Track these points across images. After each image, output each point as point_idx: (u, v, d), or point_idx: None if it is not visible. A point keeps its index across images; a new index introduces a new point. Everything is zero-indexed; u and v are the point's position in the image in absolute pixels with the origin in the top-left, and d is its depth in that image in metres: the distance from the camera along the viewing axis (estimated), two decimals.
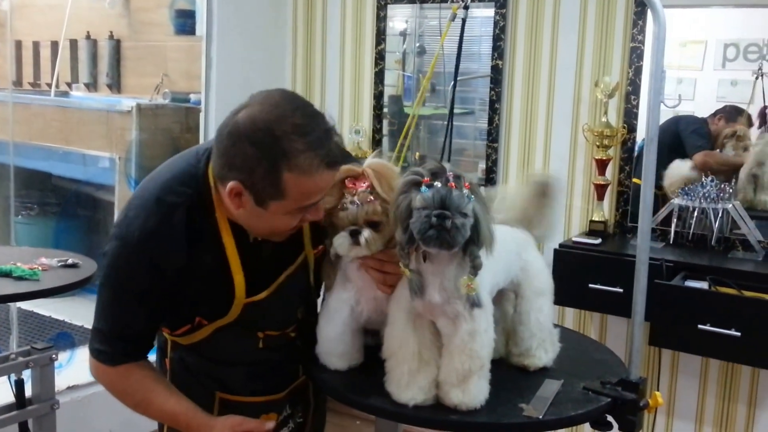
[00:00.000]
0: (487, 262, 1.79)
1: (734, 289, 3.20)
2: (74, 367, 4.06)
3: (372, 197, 1.87)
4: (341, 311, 2.00)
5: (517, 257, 2.05)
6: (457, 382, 1.80)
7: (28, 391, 3.15)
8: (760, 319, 3.05)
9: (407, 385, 1.83)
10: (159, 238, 1.88)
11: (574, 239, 3.67)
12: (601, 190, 3.75)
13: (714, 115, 3.68)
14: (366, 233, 1.87)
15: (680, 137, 3.72)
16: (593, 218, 3.77)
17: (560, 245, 3.65)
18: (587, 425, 1.94)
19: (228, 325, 2.00)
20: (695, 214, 3.54)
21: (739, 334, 3.05)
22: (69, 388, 3.83)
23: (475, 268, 1.75)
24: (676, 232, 3.59)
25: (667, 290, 3.20)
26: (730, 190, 3.49)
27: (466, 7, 3.60)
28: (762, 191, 3.58)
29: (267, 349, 2.10)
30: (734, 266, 3.35)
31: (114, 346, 1.98)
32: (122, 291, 1.94)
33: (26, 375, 3.15)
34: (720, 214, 3.50)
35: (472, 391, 1.81)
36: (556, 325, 2.16)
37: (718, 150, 3.66)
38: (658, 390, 3.57)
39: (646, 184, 1.97)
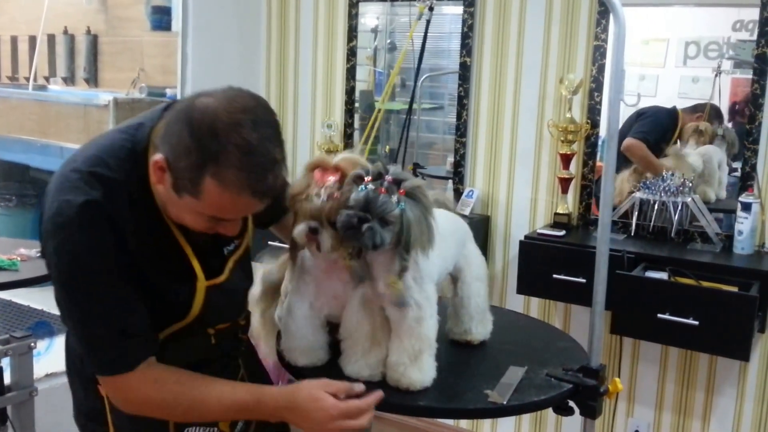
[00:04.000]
0: (439, 250, 1.88)
1: (693, 279, 3.27)
2: (52, 355, 4.07)
3: (338, 193, 1.81)
4: (301, 306, 2.00)
5: (462, 246, 2.15)
6: (410, 361, 1.87)
7: (7, 379, 3.16)
8: (717, 308, 3.11)
9: (356, 361, 1.92)
10: (104, 209, 1.71)
11: (539, 231, 3.75)
12: (565, 183, 3.81)
13: (693, 111, 3.73)
14: (325, 235, 1.83)
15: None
16: (557, 211, 3.84)
17: (525, 237, 3.72)
18: (550, 410, 1.99)
19: (180, 329, 1.89)
20: (656, 207, 3.61)
21: (697, 323, 3.12)
22: (47, 375, 3.83)
23: (401, 270, 1.82)
24: (637, 225, 3.67)
25: (628, 280, 3.27)
26: (690, 185, 3.56)
27: (430, 9, 3.67)
28: (701, 184, 3.67)
29: (218, 345, 2.01)
30: (693, 257, 3.42)
31: (121, 347, 1.76)
32: (97, 277, 1.72)
33: (5, 363, 3.16)
34: (679, 207, 3.56)
35: (426, 369, 1.90)
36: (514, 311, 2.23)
37: (679, 143, 3.74)
38: (619, 377, 3.67)
39: (606, 178, 2.04)
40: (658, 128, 3.78)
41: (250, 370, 2.19)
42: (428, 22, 3.74)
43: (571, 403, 2.00)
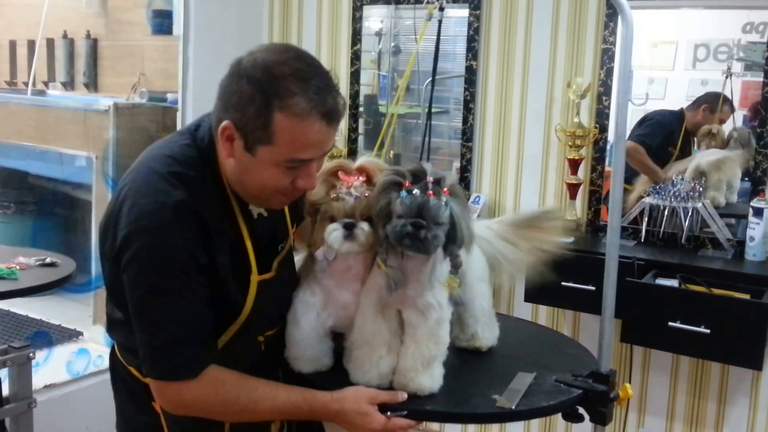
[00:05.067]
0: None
1: (704, 286, 3.23)
2: (51, 366, 4.06)
3: (368, 192, 1.83)
4: (307, 315, 1.98)
5: None
6: (422, 367, 1.87)
7: (5, 390, 3.14)
8: (729, 316, 3.08)
9: (369, 370, 1.90)
10: (193, 207, 1.77)
11: None
12: (573, 189, 3.77)
13: (697, 105, 3.70)
14: (364, 227, 1.83)
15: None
16: (566, 217, 3.78)
17: None
18: (559, 418, 1.98)
19: (233, 335, 1.92)
20: (666, 212, 3.57)
21: (708, 331, 3.09)
22: (46, 386, 3.81)
23: (456, 267, 1.84)
24: (647, 231, 3.62)
25: (638, 288, 3.23)
26: (700, 189, 3.52)
27: (441, 9, 3.61)
28: (709, 189, 3.63)
29: (267, 352, 2.04)
30: (704, 264, 3.38)
31: (189, 352, 1.79)
32: (184, 279, 1.77)
33: (3, 374, 3.14)
34: (690, 213, 3.52)
35: (436, 375, 1.90)
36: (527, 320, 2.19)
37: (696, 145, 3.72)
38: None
39: (615, 183, 2.01)
40: (660, 131, 3.76)
41: (287, 381, 2.17)
42: (440, 23, 3.69)
43: (581, 410, 1.98)
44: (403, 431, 1.85)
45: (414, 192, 1.73)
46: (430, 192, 1.73)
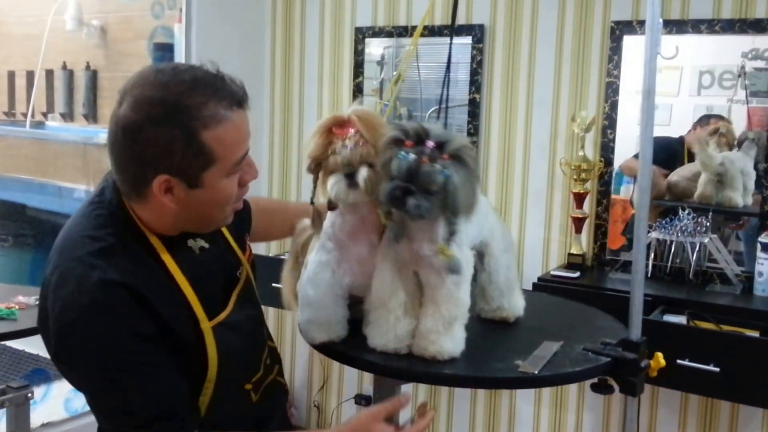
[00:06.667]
0: (476, 216, 1.85)
1: (712, 323, 3.18)
2: (49, 404, 4.01)
3: (362, 140, 1.80)
4: (323, 273, 1.93)
5: (485, 217, 2.06)
6: (444, 329, 1.82)
7: (3, 431, 3.12)
8: (739, 354, 3.03)
9: (386, 333, 1.86)
10: (117, 280, 1.64)
11: (552, 273, 3.66)
12: (578, 223, 3.73)
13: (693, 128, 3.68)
14: (364, 172, 1.79)
15: None
16: (571, 251, 3.76)
17: (539, 279, 3.63)
18: (572, 393, 1.93)
19: (214, 394, 1.79)
20: (672, 247, 3.53)
21: (717, 369, 3.03)
22: (43, 425, 3.77)
23: (451, 234, 1.77)
24: (653, 266, 3.57)
25: (645, 325, 3.15)
26: (707, 224, 3.49)
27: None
28: (725, 189, 3.59)
29: (261, 401, 1.94)
30: (712, 300, 3.33)
31: (168, 428, 1.66)
32: (134, 358, 1.64)
33: (1, 414, 3.12)
34: (697, 248, 3.49)
35: (458, 338, 1.85)
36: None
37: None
38: (637, 424, 3.57)
39: (639, 221, 1.99)
40: (658, 154, 3.73)
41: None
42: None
43: (611, 382, 1.95)
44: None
45: (409, 155, 1.68)
46: (424, 159, 1.67)
